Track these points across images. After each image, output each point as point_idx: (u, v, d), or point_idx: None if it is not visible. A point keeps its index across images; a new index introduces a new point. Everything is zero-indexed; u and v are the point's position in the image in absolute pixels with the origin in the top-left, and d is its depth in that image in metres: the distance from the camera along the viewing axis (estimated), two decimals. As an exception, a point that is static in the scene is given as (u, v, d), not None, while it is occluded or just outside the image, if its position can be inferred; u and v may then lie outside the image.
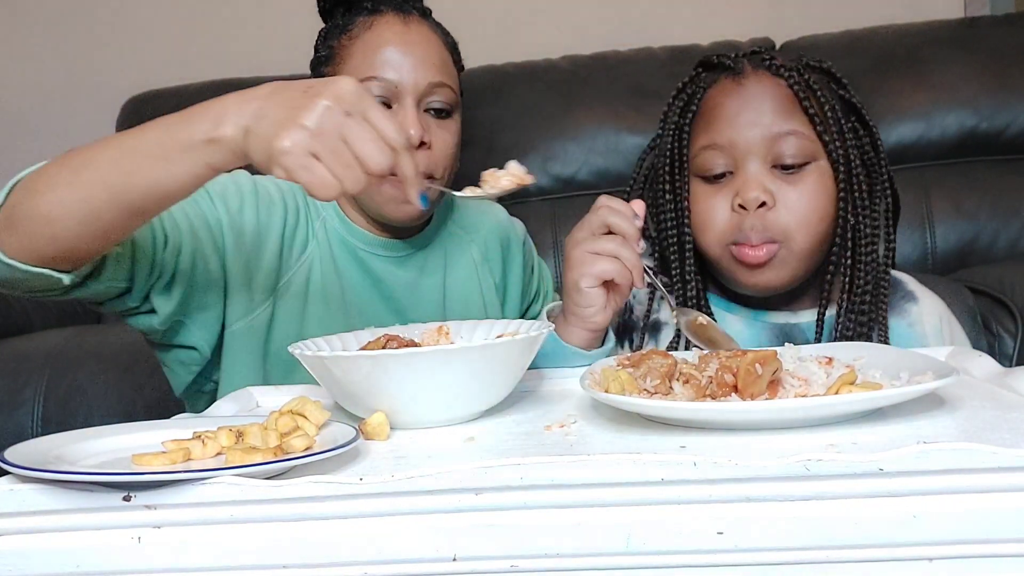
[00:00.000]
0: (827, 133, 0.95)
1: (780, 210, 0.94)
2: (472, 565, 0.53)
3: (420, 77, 1.03)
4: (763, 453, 0.54)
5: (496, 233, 1.24)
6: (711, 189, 0.98)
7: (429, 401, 0.70)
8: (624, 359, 0.76)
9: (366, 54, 1.04)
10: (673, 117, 1.02)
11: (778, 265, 0.96)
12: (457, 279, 1.18)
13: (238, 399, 0.87)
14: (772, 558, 0.51)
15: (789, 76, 0.97)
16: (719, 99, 0.99)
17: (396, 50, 1.03)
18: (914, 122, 1.93)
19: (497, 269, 1.23)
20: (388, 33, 1.04)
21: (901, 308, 1.03)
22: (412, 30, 1.05)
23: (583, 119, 1.97)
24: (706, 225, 0.98)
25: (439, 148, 1.06)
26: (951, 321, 1.05)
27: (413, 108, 1.03)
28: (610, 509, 0.53)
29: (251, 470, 0.56)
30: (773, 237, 0.94)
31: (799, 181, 0.95)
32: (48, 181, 0.77)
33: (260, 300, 1.04)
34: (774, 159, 0.95)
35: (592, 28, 2.27)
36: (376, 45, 1.04)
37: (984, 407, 0.65)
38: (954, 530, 0.50)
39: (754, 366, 0.66)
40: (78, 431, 0.69)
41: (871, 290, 0.98)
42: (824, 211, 0.96)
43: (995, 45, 1.95)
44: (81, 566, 0.55)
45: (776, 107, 0.95)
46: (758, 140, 0.95)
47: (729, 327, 1.00)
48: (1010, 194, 1.88)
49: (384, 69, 1.03)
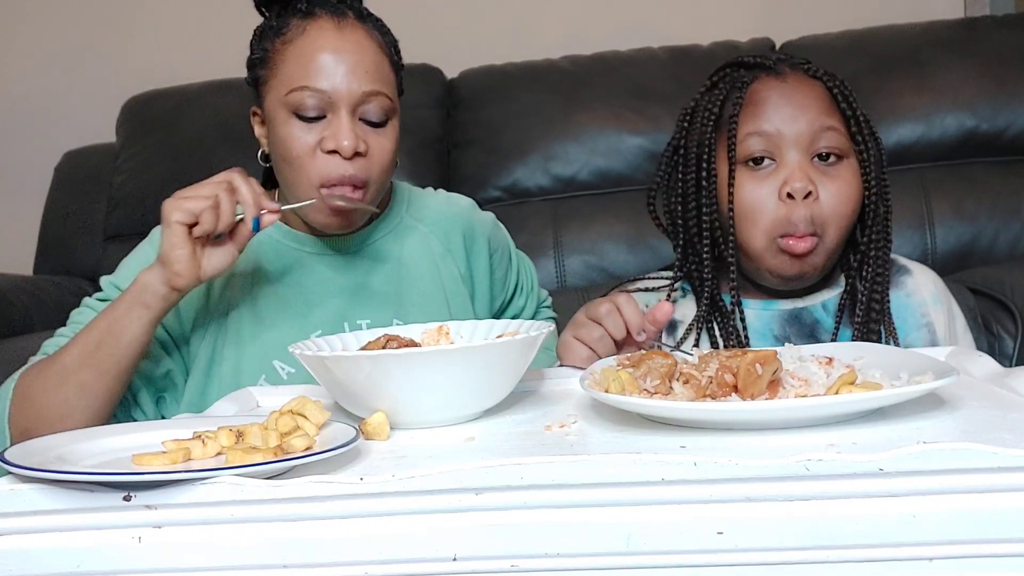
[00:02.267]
0: (859, 133, 1.01)
1: (823, 201, 0.98)
2: (472, 565, 0.53)
3: (354, 86, 1.01)
4: (763, 453, 0.54)
5: (456, 223, 1.21)
6: (757, 178, 1.00)
7: (429, 401, 0.70)
8: (624, 359, 0.76)
9: (299, 62, 1.02)
10: (712, 108, 1.04)
11: (815, 257, 0.99)
12: (413, 272, 1.16)
13: (238, 399, 0.87)
14: (772, 558, 0.51)
15: (827, 78, 1.02)
16: (764, 92, 1.02)
17: (329, 57, 1.01)
18: (914, 123, 1.93)
19: (461, 259, 1.20)
20: (321, 40, 1.02)
21: (897, 281, 1.07)
22: (346, 36, 1.03)
23: (583, 119, 1.97)
24: (754, 215, 1.00)
25: (375, 155, 1.04)
26: (945, 288, 1.09)
27: (348, 118, 1.01)
28: (610, 509, 0.53)
29: (251, 470, 0.56)
30: (815, 230, 0.98)
31: (835, 176, 0.99)
32: (43, 400, 0.96)
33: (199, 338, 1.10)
34: (815, 152, 0.99)
35: (592, 28, 2.27)
36: (309, 52, 1.02)
37: (984, 407, 0.65)
38: (954, 530, 0.50)
39: (754, 366, 0.66)
40: (78, 431, 0.69)
41: (880, 281, 1.03)
42: (855, 205, 1.00)
43: (995, 46, 1.95)
44: (81, 566, 0.55)
45: (818, 104, 1.00)
46: (803, 131, 0.98)
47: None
48: (1010, 195, 1.88)
49: (317, 78, 1.01)
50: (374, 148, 1.04)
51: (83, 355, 0.96)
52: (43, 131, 2.40)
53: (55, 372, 0.97)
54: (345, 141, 1.00)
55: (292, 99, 1.01)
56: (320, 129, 1.02)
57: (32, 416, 0.96)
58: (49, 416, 0.95)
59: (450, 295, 1.17)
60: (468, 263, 1.21)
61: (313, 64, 1.01)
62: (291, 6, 1.06)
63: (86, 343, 0.96)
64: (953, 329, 1.07)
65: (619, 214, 1.91)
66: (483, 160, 1.99)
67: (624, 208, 1.91)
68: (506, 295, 1.29)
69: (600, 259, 1.92)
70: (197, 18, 2.37)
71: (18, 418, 0.97)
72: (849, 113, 1.01)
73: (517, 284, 1.31)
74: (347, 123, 1.01)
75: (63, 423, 0.93)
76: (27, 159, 2.40)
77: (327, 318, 1.10)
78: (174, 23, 2.39)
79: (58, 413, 0.95)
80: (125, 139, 2.14)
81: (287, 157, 1.03)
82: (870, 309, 1.02)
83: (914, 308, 1.06)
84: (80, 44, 2.42)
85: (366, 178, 1.03)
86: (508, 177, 1.97)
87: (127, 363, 0.97)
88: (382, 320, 1.11)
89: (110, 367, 0.96)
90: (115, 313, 0.96)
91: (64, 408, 0.96)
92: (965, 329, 1.09)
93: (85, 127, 2.31)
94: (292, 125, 1.02)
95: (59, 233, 2.16)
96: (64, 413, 0.95)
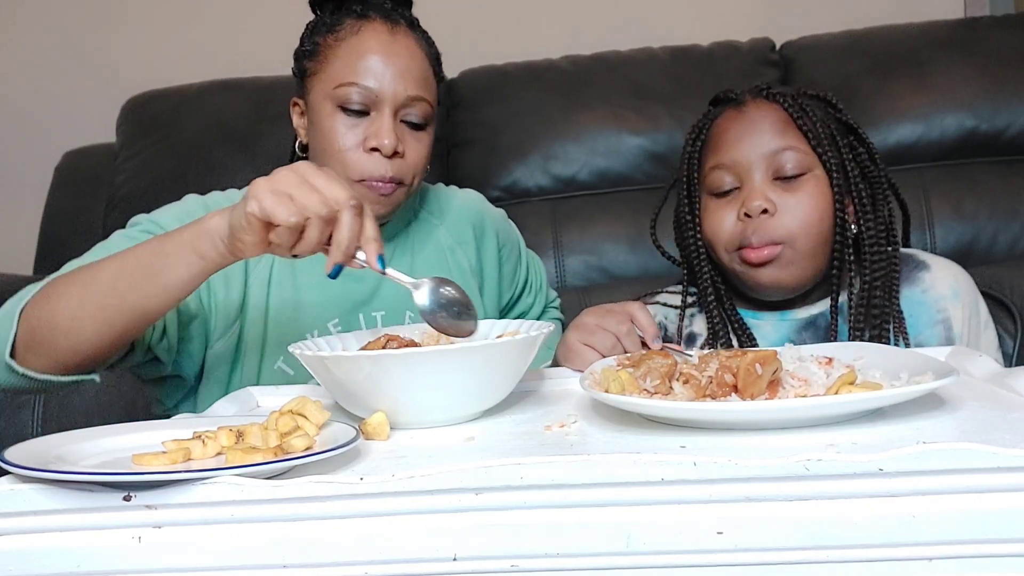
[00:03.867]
0: (820, 146, 1.06)
1: (782, 215, 1.04)
2: (472, 565, 0.53)
3: (400, 89, 1.05)
4: (763, 453, 0.54)
5: (466, 216, 1.25)
6: (721, 203, 1.09)
7: (429, 401, 0.70)
8: (624, 359, 0.76)
9: (350, 58, 1.06)
10: (688, 148, 1.14)
11: (784, 264, 1.04)
12: (424, 265, 1.18)
13: (238, 399, 0.87)
14: (772, 558, 0.51)
15: (783, 100, 1.08)
16: (724, 126, 1.10)
17: (380, 59, 1.05)
18: (914, 123, 1.93)
19: (471, 251, 1.23)
20: (374, 41, 1.06)
21: (914, 278, 1.10)
22: (398, 41, 1.07)
23: (583, 119, 1.97)
24: (716, 235, 1.09)
25: (411, 157, 1.08)
26: (969, 283, 1.11)
27: (390, 117, 1.05)
28: (610, 509, 0.53)
29: (251, 470, 0.56)
30: (775, 239, 1.03)
31: (797, 189, 1.05)
32: (59, 303, 0.86)
33: (232, 320, 1.07)
34: (775, 172, 1.05)
35: (592, 28, 2.27)
36: (361, 51, 1.06)
37: (984, 407, 0.65)
38: (954, 530, 0.50)
39: (754, 366, 0.66)
40: (78, 431, 0.69)
41: (881, 284, 1.06)
42: (822, 213, 1.05)
43: (995, 46, 1.95)
44: (81, 566, 0.55)
45: (773, 127, 1.07)
46: (758, 156, 1.06)
47: (759, 331, 1.11)
48: (1009, 195, 1.88)
49: (366, 76, 1.05)
50: (411, 150, 1.07)
51: (114, 278, 0.84)
52: (43, 131, 2.40)
53: (81, 281, 0.86)
54: (386, 140, 1.04)
55: (339, 93, 1.05)
56: (363, 127, 1.05)
57: (44, 316, 0.86)
58: (58, 322, 0.86)
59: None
60: (478, 256, 1.24)
61: (363, 62, 1.05)
62: (345, 6, 1.09)
63: (121, 268, 0.85)
64: (976, 322, 1.08)
65: (619, 214, 1.91)
66: (483, 160, 1.99)
67: (624, 208, 1.91)
68: (515, 291, 1.30)
69: (600, 259, 1.92)
70: (197, 18, 2.37)
71: (30, 312, 0.87)
72: (806, 128, 1.06)
73: (526, 282, 1.32)
74: (389, 123, 1.05)
75: (67, 339, 0.86)
76: (27, 159, 2.40)
77: (345, 307, 1.11)
78: (174, 23, 2.39)
79: (67, 326, 0.85)
80: (125, 139, 2.14)
81: (328, 150, 1.06)
82: (870, 308, 1.05)
83: (929, 304, 1.08)
84: (80, 44, 2.42)
85: (401, 178, 1.07)
86: (508, 177, 1.97)
87: (154, 308, 0.85)
88: (396, 312, 1.13)
89: (135, 304, 0.84)
90: (164, 247, 0.83)
91: (74, 324, 0.85)
92: (988, 322, 1.11)
93: (85, 127, 2.31)
94: (336, 119, 1.06)
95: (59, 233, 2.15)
96: (72, 329, 0.85)
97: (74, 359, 0.88)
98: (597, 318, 0.96)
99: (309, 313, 1.10)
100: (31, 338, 0.87)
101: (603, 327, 0.94)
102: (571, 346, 0.95)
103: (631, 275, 1.88)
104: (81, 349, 0.86)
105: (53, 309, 0.86)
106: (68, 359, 0.87)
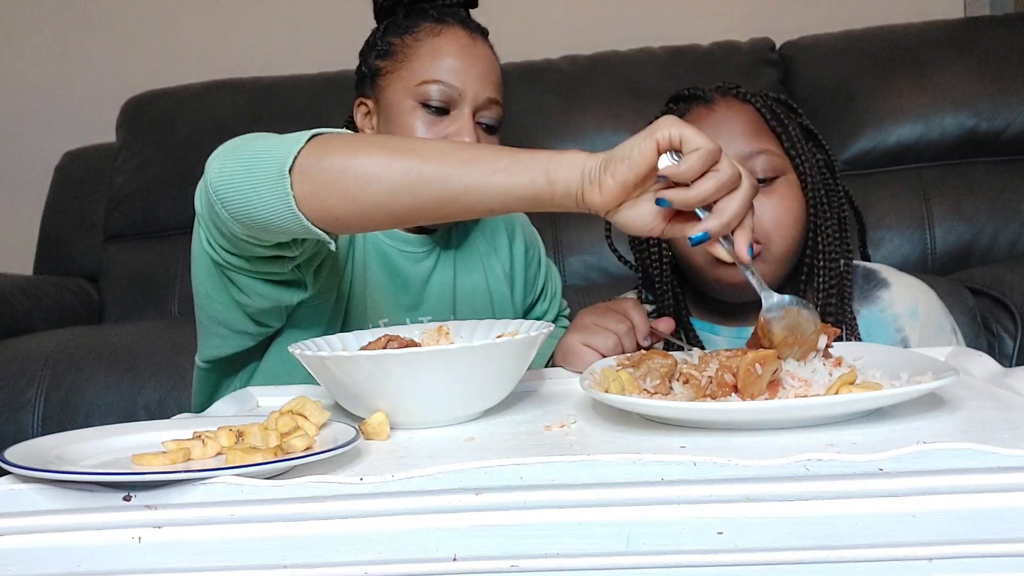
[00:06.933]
0: (793, 149, 1.04)
1: (758, 216, 1.00)
2: (472, 565, 0.53)
3: (480, 90, 1.09)
4: (763, 453, 0.54)
5: (499, 221, 1.27)
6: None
7: (429, 401, 0.70)
8: (624, 359, 0.76)
9: (433, 57, 1.09)
10: None
11: (762, 263, 1.00)
12: (464, 271, 1.20)
13: (238, 399, 0.87)
14: (772, 558, 0.51)
15: (756, 101, 1.05)
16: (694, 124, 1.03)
17: (462, 61, 1.09)
18: (913, 123, 1.93)
19: (505, 256, 1.25)
20: (456, 44, 1.10)
21: (873, 296, 1.07)
22: (477, 46, 1.11)
23: (583, 119, 1.97)
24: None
25: None
26: (929, 302, 1.07)
27: (470, 117, 1.08)
28: (610, 509, 0.53)
29: (251, 470, 0.56)
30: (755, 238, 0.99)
31: (772, 192, 1.02)
32: (369, 148, 0.78)
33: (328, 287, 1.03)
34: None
35: (592, 28, 2.27)
36: (444, 51, 1.09)
37: (984, 407, 0.65)
38: (954, 530, 0.50)
39: (754, 366, 0.66)
40: (78, 431, 0.69)
41: (836, 292, 1.03)
42: (797, 215, 1.02)
43: (995, 46, 1.95)
44: (81, 566, 0.55)
45: (746, 129, 1.03)
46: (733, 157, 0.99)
47: (713, 347, 1.05)
48: (1009, 195, 1.88)
49: (449, 75, 1.08)
50: None
51: (443, 155, 0.76)
52: (43, 131, 2.40)
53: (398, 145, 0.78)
54: (467, 138, 1.07)
55: (422, 90, 1.07)
56: (443, 125, 1.08)
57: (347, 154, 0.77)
58: (360, 165, 0.77)
59: (494, 292, 1.22)
60: (510, 259, 1.26)
61: (446, 62, 1.08)
62: (420, 11, 1.13)
63: (455, 149, 0.78)
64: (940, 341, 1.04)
65: (619, 214, 1.91)
66: (483, 160, 1.99)
67: (624, 208, 1.91)
68: (533, 296, 1.32)
69: (600, 259, 1.92)
70: (197, 18, 2.37)
71: (325, 144, 0.79)
72: (780, 131, 1.04)
73: (543, 289, 1.34)
74: (469, 122, 1.08)
75: (357, 183, 0.76)
76: (27, 159, 2.40)
77: (395, 311, 1.13)
78: (174, 23, 2.39)
79: (368, 172, 0.76)
80: (125, 139, 2.14)
81: None
82: (824, 317, 1.01)
83: (887, 323, 1.05)
84: (80, 44, 2.42)
85: None
86: (508, 177, 1.97)
87: (466, 202, 0.76)
88: (440, 316, 1.15)
89: (455, 186, 0.75)
90: (517, 154, 0.75)
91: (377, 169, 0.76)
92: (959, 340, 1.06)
93: (85, 127, 2.31)
94: (416, 116, 1.08)
95: (59, 233, 2.16)
96: (373, 176, 0.76)
97: (346, 206, 0.77)
98: (596, 317, 0.95)
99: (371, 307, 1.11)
100: (318, 163, 0.77)
101: (603, 326, 0.94)
102: (572, 348, 0.94)
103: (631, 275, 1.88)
104: (363, 199, 0.77)
105: (356, 151, 0.77)
106: (339, 205, 0.77)
